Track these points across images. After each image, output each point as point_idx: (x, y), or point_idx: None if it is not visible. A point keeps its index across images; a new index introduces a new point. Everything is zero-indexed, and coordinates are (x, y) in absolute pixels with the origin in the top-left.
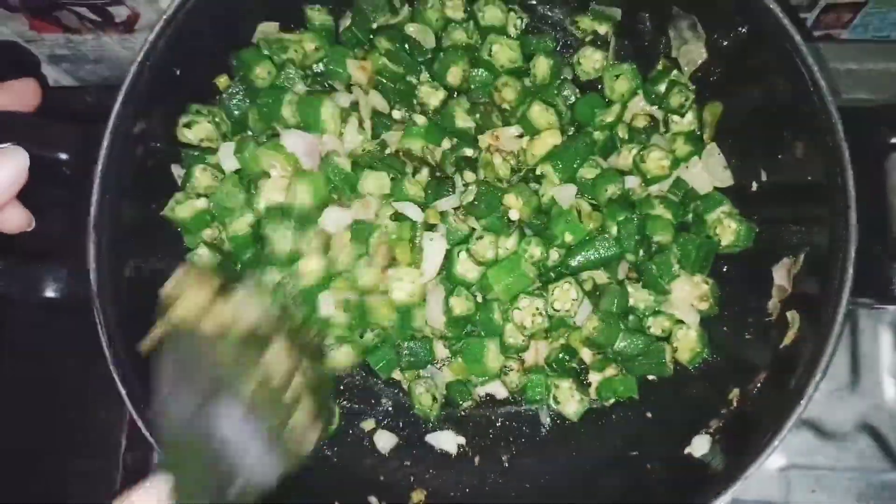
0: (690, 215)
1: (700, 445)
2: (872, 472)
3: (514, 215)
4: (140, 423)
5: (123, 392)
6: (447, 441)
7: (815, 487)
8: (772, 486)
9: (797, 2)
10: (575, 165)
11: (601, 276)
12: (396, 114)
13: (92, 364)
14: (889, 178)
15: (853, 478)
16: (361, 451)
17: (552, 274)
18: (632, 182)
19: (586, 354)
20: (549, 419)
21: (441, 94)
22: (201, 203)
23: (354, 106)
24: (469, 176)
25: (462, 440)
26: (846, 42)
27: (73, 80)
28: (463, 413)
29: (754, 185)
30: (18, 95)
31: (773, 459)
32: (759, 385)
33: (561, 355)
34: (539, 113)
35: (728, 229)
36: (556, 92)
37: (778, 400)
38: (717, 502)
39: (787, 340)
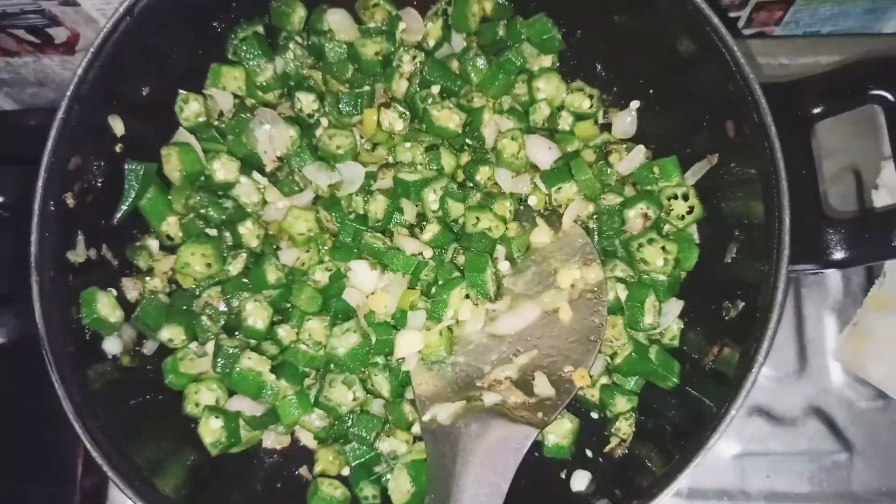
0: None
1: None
2: (823, 454)
3: None
4: (95, 455)
5: (78, 427)
6: None
7: (770, 473)
8: (727, 474)
9: (729, 0)
10: None
11: None
12: None
13: (48, 390)
14: (815, 148)
15: (805, 461)
16: None
17: None
18: None
19: None
20: None
21: None
22: None
23: None
24: None
25: None
26: (778, 38)
27: (16, 105)
28: None
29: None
30: None
31: (728, 447)
32: (712, 359)
33: None
34: None
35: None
36: None
37: (730, 372)
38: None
39: (733, 314)
